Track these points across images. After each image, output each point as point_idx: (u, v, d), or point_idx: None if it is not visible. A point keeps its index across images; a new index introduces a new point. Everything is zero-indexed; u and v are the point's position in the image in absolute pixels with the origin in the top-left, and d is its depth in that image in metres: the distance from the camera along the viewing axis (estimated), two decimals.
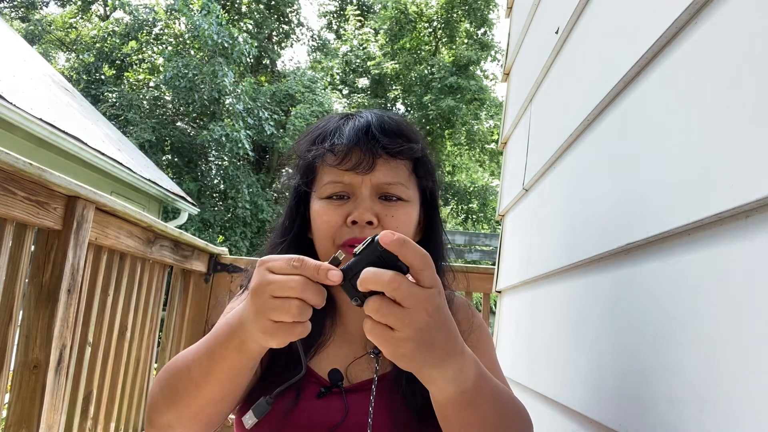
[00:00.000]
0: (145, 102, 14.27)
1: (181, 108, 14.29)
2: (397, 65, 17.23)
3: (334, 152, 0.82)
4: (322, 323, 0.87)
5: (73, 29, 17.41)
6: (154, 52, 15.30)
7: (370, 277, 0.58)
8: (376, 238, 0.59)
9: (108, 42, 14.99)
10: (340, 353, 0.86)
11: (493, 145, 17.76)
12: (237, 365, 0.68)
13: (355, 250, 0.61)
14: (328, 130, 0.85)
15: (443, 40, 18.11)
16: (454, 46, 17.76)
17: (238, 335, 0.66)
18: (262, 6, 17.52)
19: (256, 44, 14.36)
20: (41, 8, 18.96)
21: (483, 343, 0.90)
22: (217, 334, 0.70)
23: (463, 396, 0.64)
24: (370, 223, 0.80)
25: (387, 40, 17.76)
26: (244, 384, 0.73)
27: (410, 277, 0.59)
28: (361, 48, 18.79)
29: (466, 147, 17.56)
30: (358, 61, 18.52)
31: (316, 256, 0.86)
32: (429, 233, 0.92)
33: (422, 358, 0.60)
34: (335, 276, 0.60)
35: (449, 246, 0.97)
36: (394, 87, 18.01)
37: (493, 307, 3.12)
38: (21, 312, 1.51)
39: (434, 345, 0.60)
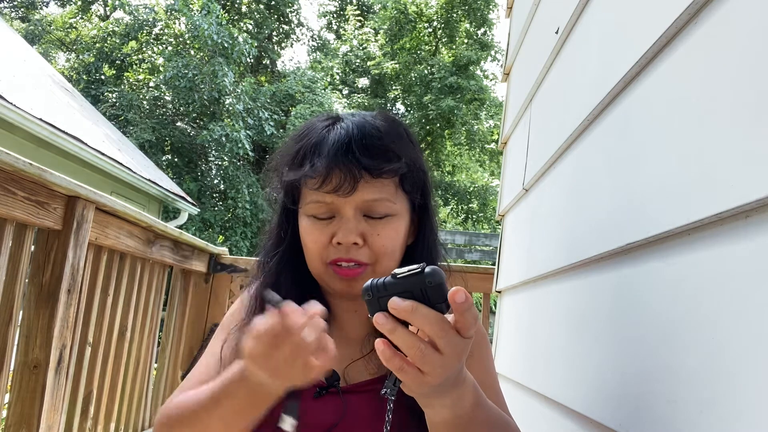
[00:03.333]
0: (145, 102, 14.26)
1: (181, 108, 14.28)
2: (397, 65, 17.22)
3: (314, 175, 0.79)
4: None
5: (73, 29, 17.40)
6: (154, 52, 15.30)
7: (420, 316, 0.56)
8: (426, 271, 0.58)
9: (108, 42, 14.98)
10: (337, 355, 0.86)
11: (493, 145, 17.75)
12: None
13: (395, 271, 0.60)
14: (309, 146, 0.81)
15: (443, 40, 18.10)
16: (454, 46, 17.75)
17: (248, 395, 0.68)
18: (262, 6, 17.52)
19: (256, 44, 14.35)
20: (41, 8, 18.96)
21: (480, 352, 0.89)
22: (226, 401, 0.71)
23: (458, 420, 0.65)
24: (355, 243, 0.79)
25: (387, 40, 17.76)
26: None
27: (449, 317, 0.59)
28: (361, 48, 18.79)
29: (466, 147, 17.55)
30: (358, 61, 18.52)
31: (303, 269, 0.86)
32: (421, 237, 0.90)
33: (431, 394, 0.62)
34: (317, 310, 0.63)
35: (449, 246, 0.96)
36: (394, 87, 18.01)
37: (493, 307, 3.12)
38: (21, 312, 1.51)
39: (446, 383, 0.61)
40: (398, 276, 0.59)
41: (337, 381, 0.83)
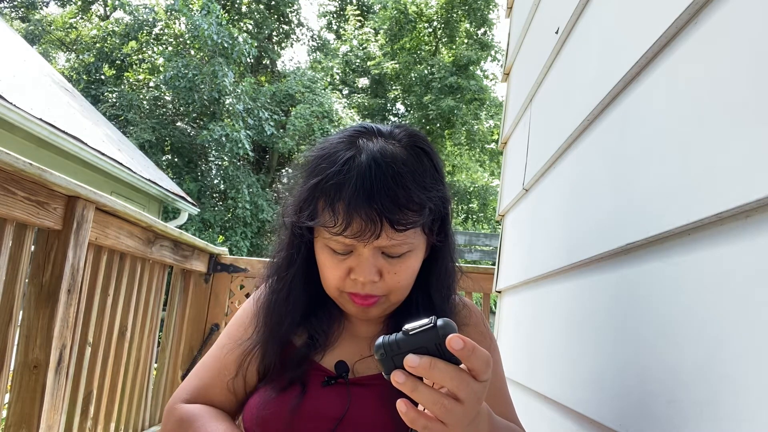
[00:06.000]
0: (145, 102, 14.26)
1: (181, 108, 14.28)
2: (397, 65, 17.22)
3: (332, 224, 0.75)
4: (329, 328, 0.89)
5: (73, 29, 17.39)
6: (154, 52, 15.29)
7: (439, 372, 0.56)
8: (438, 325, 0.57)
9: (108, 42, 14.98)
10: (347, 351, 0.88)
11: (493, 145, 17.75)
12: None
13: (407, 327, 0.59)
14: (328, 187, 0.76)
15: (443, 40, 18.09)
16: (454, 46, 17.74)
17: None
18: (262, 6, 17.51)
19: (256, 44, 14.35)
20: (41, 8, 18.94)
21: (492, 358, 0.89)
22: None
23: None
24: (372, 280, 0.79)
25: (387, 40, 17.75)
26: None
27: (463, 366, 0.58)
28: (361, 48, 18.78)
29: (466, 147, 17.54)
30: (358, 61, 18.51)
31: (315, 279, 0.86)
32: (438, 256, 0.88)
33: None
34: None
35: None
36: (394, 87, 18.00)
37: (493, 307, 3.12)
38: (21, 312, 1.51)
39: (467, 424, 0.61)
40: (410, 333, 0.58)
41: (346, 372, 0.84)
